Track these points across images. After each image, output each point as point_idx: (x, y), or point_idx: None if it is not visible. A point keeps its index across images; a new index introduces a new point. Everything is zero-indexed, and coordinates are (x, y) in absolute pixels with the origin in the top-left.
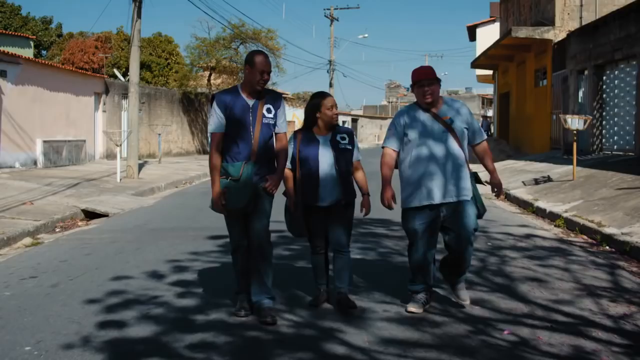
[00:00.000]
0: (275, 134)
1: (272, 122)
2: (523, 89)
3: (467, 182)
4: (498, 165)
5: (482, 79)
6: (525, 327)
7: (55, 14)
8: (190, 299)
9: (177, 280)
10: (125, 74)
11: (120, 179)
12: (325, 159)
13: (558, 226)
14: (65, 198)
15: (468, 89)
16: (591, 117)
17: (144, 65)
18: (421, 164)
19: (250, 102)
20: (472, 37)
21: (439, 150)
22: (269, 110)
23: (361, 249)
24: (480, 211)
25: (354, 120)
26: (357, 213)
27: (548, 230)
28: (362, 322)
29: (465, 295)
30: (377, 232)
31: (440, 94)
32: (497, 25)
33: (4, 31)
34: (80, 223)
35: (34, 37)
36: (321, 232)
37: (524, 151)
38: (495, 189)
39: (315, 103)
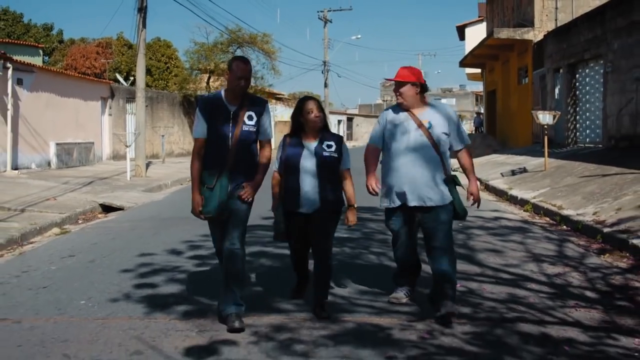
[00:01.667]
0: (260, 141)
1: (253, 129)
2: (508, 87)
3: (440, 188)
4: (483, 159)
5: (471, 77)
6: (475, 282)
7: (55, 21)
8: (206, 267)
9: (193, 255)
10: (126, 78)
11: (130, 177)
12: (308, 167)
13: (526, 211)
14: (83, 194)
15: (462, 86)
16: (559, 113)
17: None
18: (397, 166)
19: (232, 108)
20: (462, 36)
21: (414, 153)
22: (250, 117)
23: (348, 230)
24: (461, 214)
25: (350, 119)
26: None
27: (516, 214)
28: (346, 280)
29: (451, 309)
30: (363, 216)
31: (434, 92)
32: (485, 25)
33: (16, 41)
34: (99, 215)
35: (42, 46)
36: (301, 238)
37: (509, 145)
38: (472, 197)
39: (297, 108)
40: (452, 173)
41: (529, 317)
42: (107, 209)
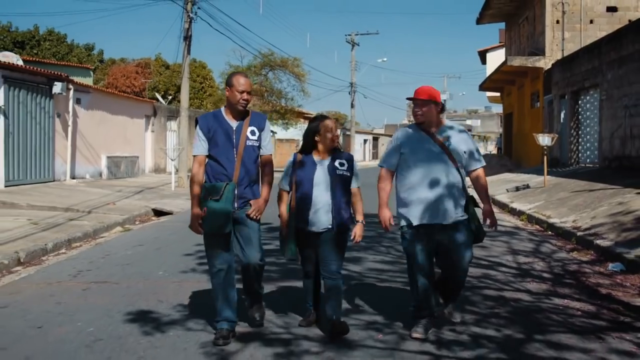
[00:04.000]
0: (261, 156)
1: (256, 144)
2: (522, 110)
3: (460, 206)
4: (495, 177)
5: (492, 100)
6: None
7: (96, 41)
8: None
9: None
10: (163, 97)
11: (174, 188)
12: (320, 184)
13: (522, 220)
14: (136, 201)
15: (487, 107)
16: (557, 135)
17: (179, 89)
18: (416, 184)
19: (234, 124)
20: (484, 60)
21: (434, 171)
22: (253, 133)
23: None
24: (480, 236)
25: (375, 139)
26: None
27: (512, 223)
28: (359, 263)
29: (454, 315)
30: (374, 221)
31: (460, 113)
32: (504, 50)
33: (70, 63)
34: (153, 218)
35: (92, 67)
36: (312, 257)
37: (524, 165)
38: (487, 219)
39: (314, 126)
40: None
41: (492, 286)
42: (158, 213)
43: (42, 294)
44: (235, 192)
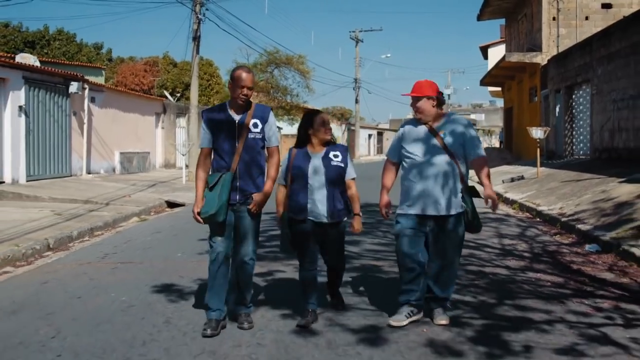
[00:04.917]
0: (267, 148)
1: (259, 136)
2: (521, 105)
3: (456, 197)
4: (494, 170)
5: (494, 94)
6: None
7: (105, 40)
8: (261, 238)
9: None
10: (171, 94)
11: (185, 182)
12: (316, 176)
13: (514, 208)
14: (150, 194)
15: (492, 101)
16: (549, 128)
17: (187, 87)
18: (413, 176)
19: (237, 117)
20: (485, 55)
21: (431, 163)
22: (255, 125)
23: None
24: (477, 227)
25: (380, 134)
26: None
27: (504, 211)
28: (358, 245)
29: (442, 319)
30: (375, 209)
31: (465, 107)
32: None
33: (84, 64)
34: (167, 209)
35: (104, 67)
36: (310, 249)
37: (524, 158)
38: (490, 202)
39: (307, 120)
40: (470, 184)
41: (475, 263)
42: (171, 205)
43: (75, 272)
44: (234, 183)
